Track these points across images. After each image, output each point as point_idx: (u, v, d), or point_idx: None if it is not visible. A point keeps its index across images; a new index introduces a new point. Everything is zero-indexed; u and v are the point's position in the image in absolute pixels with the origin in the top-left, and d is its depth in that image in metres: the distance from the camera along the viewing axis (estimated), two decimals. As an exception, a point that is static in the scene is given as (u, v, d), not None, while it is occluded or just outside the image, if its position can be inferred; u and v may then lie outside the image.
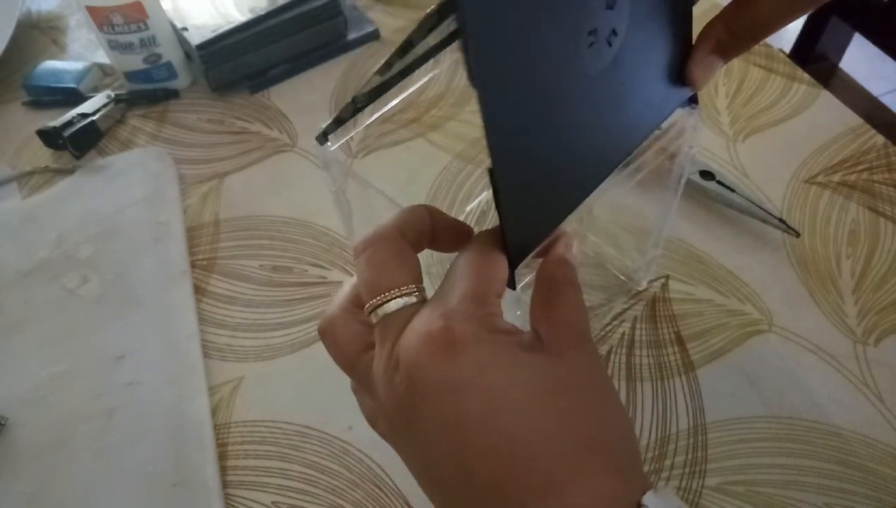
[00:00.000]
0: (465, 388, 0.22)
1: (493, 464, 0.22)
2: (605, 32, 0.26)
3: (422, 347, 0.23)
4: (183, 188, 0.57)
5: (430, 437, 0.23)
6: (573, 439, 0.22)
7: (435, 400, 0.22)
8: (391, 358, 0.24)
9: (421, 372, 0.23)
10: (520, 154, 0.25)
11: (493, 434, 0.22)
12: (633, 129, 0.31)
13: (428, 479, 0.24)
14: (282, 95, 0.64)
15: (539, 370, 0.23)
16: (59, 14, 0.75)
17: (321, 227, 0.54)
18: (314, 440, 0.43)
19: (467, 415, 0.22)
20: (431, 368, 0.22)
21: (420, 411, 0.23)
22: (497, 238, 0.26)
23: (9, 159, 0.61)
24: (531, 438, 0.22)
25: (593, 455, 0.22)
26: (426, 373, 0.22)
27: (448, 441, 0.22)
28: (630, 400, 0.43)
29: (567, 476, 0.21)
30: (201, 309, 0.49)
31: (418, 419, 0.23)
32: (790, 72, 0.62)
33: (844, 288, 0.47)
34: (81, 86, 0.64)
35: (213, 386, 0.45)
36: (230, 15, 0.62)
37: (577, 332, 0.25)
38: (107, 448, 0.43)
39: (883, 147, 0.55)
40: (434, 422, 0.22)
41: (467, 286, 0.24)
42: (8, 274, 0.52)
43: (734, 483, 0.40)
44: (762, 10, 0.28)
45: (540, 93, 0.25)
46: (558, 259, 0.27)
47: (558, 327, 0.25)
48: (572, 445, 0.22)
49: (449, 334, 0.23)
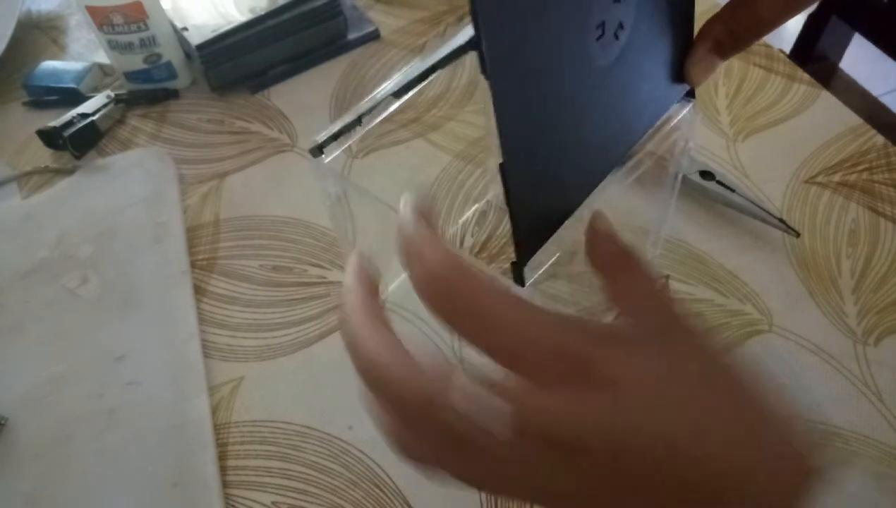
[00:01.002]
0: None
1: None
2: (613, 26, 0.26)
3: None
4: (183, 188, 0.57)
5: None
6: (735, 428, 0.22)
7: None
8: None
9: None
10: (529, 148, 0.25)
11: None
12: (635, 125, 0.31)
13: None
14: (282, 95, 0.64)
15: (674, 362, 0.23)
16: (59, 14, 0.75)
17: (321, 227, 0.54)
18: (314, 440, 0.43)
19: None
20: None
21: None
22: None
23: (9, 159, 0.61)
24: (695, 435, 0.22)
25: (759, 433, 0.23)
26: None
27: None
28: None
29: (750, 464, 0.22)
30: (201, 309, 0.49)
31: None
32: (790, 72, 0.62)
33: (844, 288, 0.47)
34: (81, 87, 0.64)
35: (213, 386, 0.45)
36: (230, 15, 0.62)
37: (673, 310, 0.25)
38: (107, 448, 0.43)
39: (883, 147, 0.55)
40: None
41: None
42: (8, 275, 0.52)
43: (734, 483, 0.40)
44: (760, 8, 0.28)
45: (550, 86, 0.25)
46: (613, 239, 0.27)
47: (658, 310, 0.25)
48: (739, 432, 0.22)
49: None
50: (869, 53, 0.76)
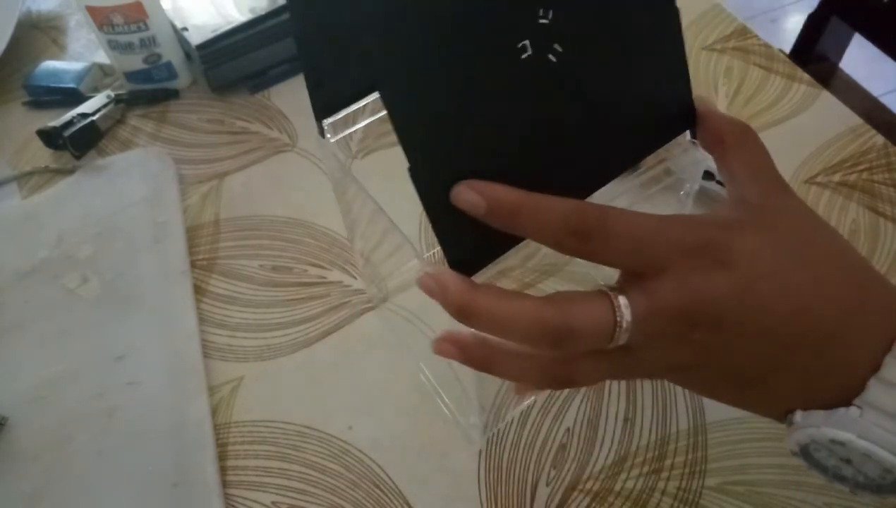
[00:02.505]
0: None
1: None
2: (541, 46, 0.26)
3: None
4: (183, 188, 0.57)
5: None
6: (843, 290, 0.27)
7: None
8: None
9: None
10: (445, 156, 0.26)
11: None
12: (621, 150, 0.31)
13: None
14: (282, 95, 0.64)
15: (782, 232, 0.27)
16: (59, 14, 0.75)
17: (321, 227, 0.54)
18: (314, 440, 0.43)
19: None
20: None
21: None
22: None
23: (9, 159, 0.61)
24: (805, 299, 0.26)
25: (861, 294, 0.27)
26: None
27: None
28: (630, 400, 0.43)
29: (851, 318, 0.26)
30: (201, 309, 0.49)
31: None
32: (790, 72, 0.62)
33: (844, 289, 0.47)
34: (81, 87, 0.64)
35: (213, 386, 0.45)
36: (230, 15, 0.62)
37: (780, 181, 0.30)
38: (107, 448, 0.43)
39: (883, 147, 0.55)
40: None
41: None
42: (8, 274, 0.52)
43: (734, 483, 0.40)
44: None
45: (474, 116, 0.26)
46: (725, 119, 0.31)
47: (768, 184, 0.30)
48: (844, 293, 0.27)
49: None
50: (869, 53, 0.76)
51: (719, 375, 0.28)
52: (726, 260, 0.25)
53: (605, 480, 0.40)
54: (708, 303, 0.25)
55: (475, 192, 0.26)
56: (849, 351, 0.26)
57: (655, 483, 0.40)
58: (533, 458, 0.41)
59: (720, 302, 0.25)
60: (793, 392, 0.27)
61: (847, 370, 0.26)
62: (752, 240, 0.26)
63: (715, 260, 0.25)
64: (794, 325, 0.26)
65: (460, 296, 0.26)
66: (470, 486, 0.40)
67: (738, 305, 0.25)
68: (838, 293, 0.27)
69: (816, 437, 0.26)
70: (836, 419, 0.26)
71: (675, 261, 0.25)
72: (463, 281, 0.27)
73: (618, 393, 0.44)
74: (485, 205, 0.26)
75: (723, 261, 0.25)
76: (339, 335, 0.48)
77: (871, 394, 0.25)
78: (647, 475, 0.40)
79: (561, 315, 0.25)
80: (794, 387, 0.27)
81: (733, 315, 0.25)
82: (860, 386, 0.26)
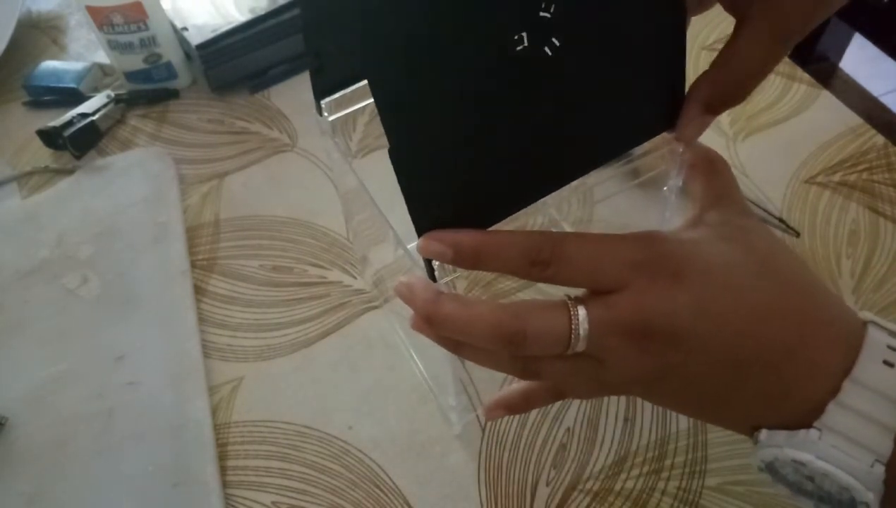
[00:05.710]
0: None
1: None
2: (539, 39, 0.26)
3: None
4: (183, 188, 0.57)
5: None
6: (794, 304, 0.28)
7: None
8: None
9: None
10: (428, 141, 0.27)
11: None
12: (602, 144, 0.31)
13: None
14: (282, 95, 0.64)
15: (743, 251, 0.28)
16: (59, 14, 0.75)
17: (321, 227, 0.54)
18: (314, 440, 0.43)
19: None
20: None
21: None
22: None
23: (9, 159, 0.61)
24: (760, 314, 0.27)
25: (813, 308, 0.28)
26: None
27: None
28: (630, 399, 0.43)
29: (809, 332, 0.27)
30: (201, 309, 0.49)
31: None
32: (790, 72, 0.62)
33: (844, 288, 0.47)
34: (81, 87, 0.64)
35: (213, 386, 0.45)
36: (230, 15, 0.62)
37: (743, 206, 0.31)
38: (107, 448, 0.43)
39: (883, 147, 0.55)
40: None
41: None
42: (8, 274, 0.52)
43: (734, 483, 0.40)
44: (739, 70, 0.30)
45: (462, 102, 0.26)
46: (703, 150, 0.33)
47: (730, 208, 0.30)
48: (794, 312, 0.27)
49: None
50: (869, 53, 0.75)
51: (681, 390, 0.29)
52: (681, 275, 0.27)
53: (605, 480, 0.40)
54: (662, 316, 0.26)
55: (438, 242, 0.27)
56: (809, 368, 0.27)
57: (655, 482, 0.40)
58: (533, 458, 0.41)
59: (674, 315, 0.26)
60: (756, 410, 0.28)
61: (807, 390, 0.27)
62: (707, 256, 0.27)
63: (671, 275, 0.27)
64: (751, 338, 0.27)
65: (424, 305, 0.28)
66: (470, 486, 0.40)
67: (693, 319, 0.26)
68: (796, 308, 0.27)
69: (780, 456, 0.28)
70: (797, 441, 0.27)
71: (632, 278, 0.27)
72: (429, 290, 0.28)
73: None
74: (451, 252, 0.27)
75: (678, 276, 0.27)
76: (339, 335, 0.48)
77: (829, 418, 0.26)
78: (647, 475, 0.40)
79: (516, 320, 0.27)
80: (757, 406, 0.28)
81: (689, 327, 0.26)
82: (820, 408, 0.26)
